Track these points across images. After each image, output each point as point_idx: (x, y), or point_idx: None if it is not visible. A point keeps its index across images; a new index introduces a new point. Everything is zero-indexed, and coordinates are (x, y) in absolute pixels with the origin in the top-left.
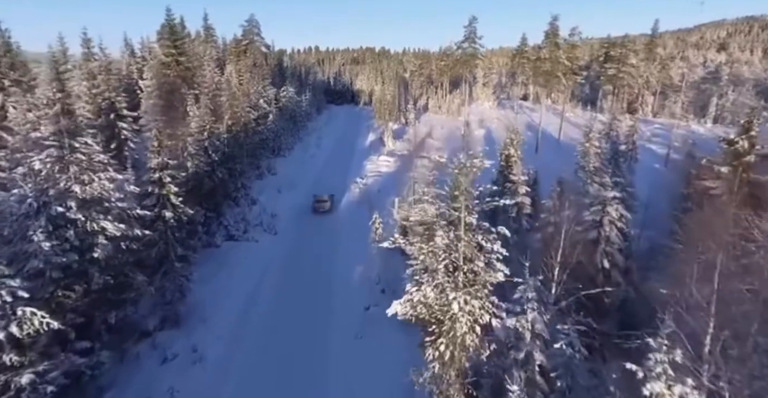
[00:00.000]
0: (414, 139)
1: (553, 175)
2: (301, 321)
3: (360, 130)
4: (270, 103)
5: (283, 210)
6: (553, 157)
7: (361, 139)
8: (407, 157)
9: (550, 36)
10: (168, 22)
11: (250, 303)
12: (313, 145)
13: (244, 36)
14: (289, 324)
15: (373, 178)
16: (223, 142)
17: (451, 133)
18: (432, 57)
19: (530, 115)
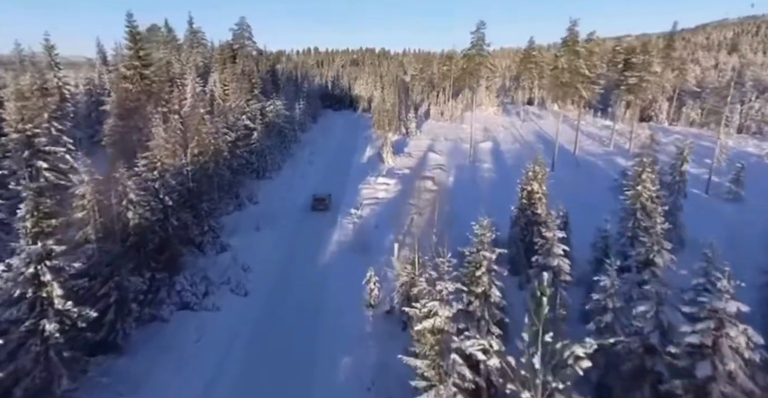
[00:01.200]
0: (415, 152)
1: (577, 201)
2: None
3: (357, 142)
4: (255, 119)
5: (260, 258)
6: (572, 177)
7: (357, 154)
8: (409, 176)
9: (569, 43)
10: (130, 29)
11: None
12: (305, 162)
13: (235, 40)
14: None
15: (369, 208)
16: (187, 175)
17: (455, 145)
18: (433, 58)
19: (537, 123)
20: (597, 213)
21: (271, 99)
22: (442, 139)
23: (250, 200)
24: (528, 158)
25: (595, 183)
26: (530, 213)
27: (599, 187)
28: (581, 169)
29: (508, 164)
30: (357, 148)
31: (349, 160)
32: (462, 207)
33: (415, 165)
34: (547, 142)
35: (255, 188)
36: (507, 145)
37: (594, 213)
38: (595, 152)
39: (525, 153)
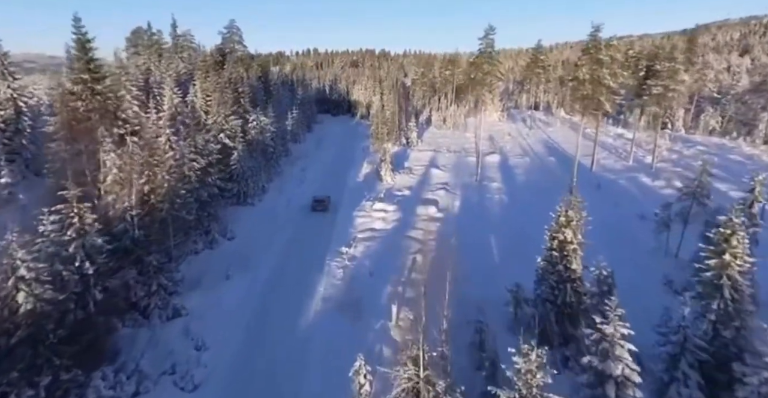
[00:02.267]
0: (416, 167)
1: (607, 236)
2: None
3: (354, 155)
4: (235, 137)
5: (223, 325)
6: (595, 201)
7: (353, 171)
8: (409, 199)
9: (591, 50)
10: (78, 36)
11: None
12: (295, 181)
13: (224, 44)
14: None
15: (363, 245)
16: (132, 221)
17: (460, 159)
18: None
19: (545, 131)
20: (636, 255)
21: (254, 113)
22: (445, 150)
23: (224, 235)
24: (540, 174)
25: (621, 209)
26: (562, 269)
27: (627, 215)
28: (603, 191)
29: (518, 182)
30: (353, 161)
31: (344, 178)
32: (472, 245)
33: (417, 183)
34: (558, 153)
35: (232, 219)
36: (515, 157)
37: (633, 255)
38: (613, 168)
39: (536, 168)
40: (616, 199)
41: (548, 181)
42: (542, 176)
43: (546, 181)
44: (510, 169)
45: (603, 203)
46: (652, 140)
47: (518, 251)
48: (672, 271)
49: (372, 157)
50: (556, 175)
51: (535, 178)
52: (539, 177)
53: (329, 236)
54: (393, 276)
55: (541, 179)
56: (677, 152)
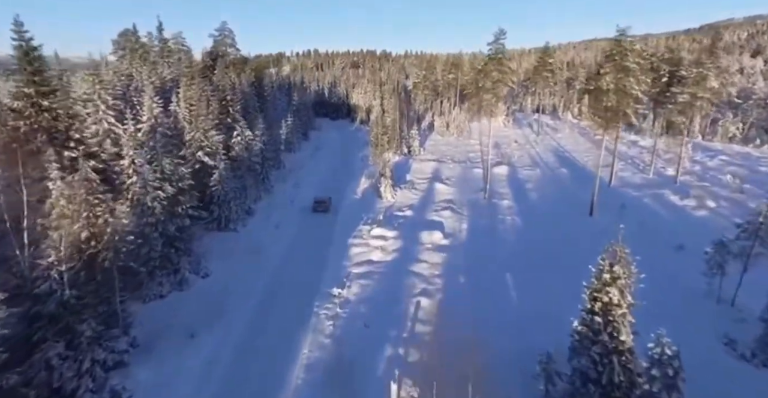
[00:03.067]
0: (419, 180)
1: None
2: None
3: (352, 167)
4: (215, 155)
5: None
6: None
7: (351, 185)
8: (412, 221)
9: (616, 57)
10: (20, 45)
11: None
12: (286, 200)
13: (215, 48)
14: None
15: (359, 284)
16: (61, 280)
17: (465, 171)
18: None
19: (554, 137)
20: (678, 300)
21: (240, 127)
22: (449, 160)
23: (197, 272)
24: (554, 190)
25: (652, 236)
26: (607, 339)
27: (661, 246)
28: (629, 214)
29: (531, 200)
30: (351, 174)
31: (341, 195)
32: (485, 287)
33: (420, 201)
34: (570, 164)
35: (210, 249)
36: (525, 169)
37: (674, 300)
38: (633, 182)
39: (548, 181)
40: (644, 223)
41: (564, 198)
42: (556, 192)
43: (562, 199)
44: (520, 183)
45: (630, 229)
46: (669, 148)
47: (541, 294)
48: (731, 326)
49: (371, 170)
50: (571, 191)
51: (549, 194)
52: (553, 193)
53: (321, 271)
54: (393, 331)
55: (555, 196)
56: (699, 163)
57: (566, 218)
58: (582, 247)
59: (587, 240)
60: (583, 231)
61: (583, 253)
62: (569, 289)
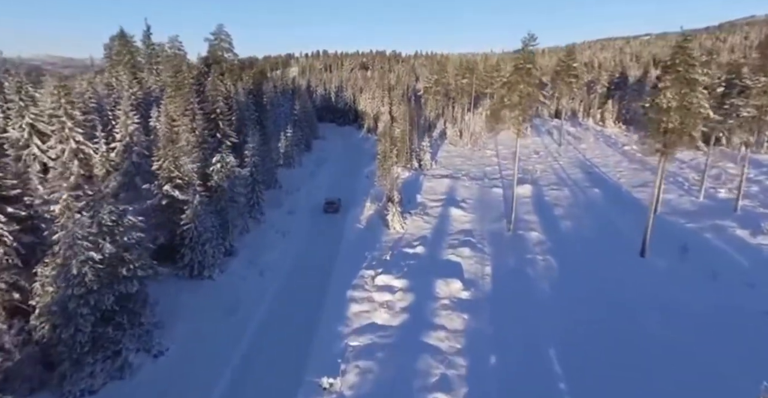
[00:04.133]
0: (431, 203)
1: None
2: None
3: (357, 186)
4: (188, 187)
5: None
6: (689, 278)
7: (355, 211)
8: (423, 263)
9: (680, 68)
10: None
11: None
12: (277, 234)
13: (211, 53)
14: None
15: (357, 369)
16: None
17: (483, 191)
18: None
19: (577, 147)
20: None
21: (220, 153)
22: (465, 176)
23: (148, 350)
24: (589, 218)
25: (730, 291)
26: None
27: (744, 307)
28: (692, 258)
29: (563, 232)
30: (355, 196)
31: (342, 223)
32: (520, 371)
33: (433, 232)
34: (602, 182)
35: (174, 308)
36: (551, 188)
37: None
38: (682, 208)
39: (581, 206)
40: (715, 270)
41: (603, 229)
42: (592, 220)
43: (600, 231)
44: (548, 208)
45: (700, 281)
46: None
47: (598, 386)
48: None
49: (377, 191)
50: (609, 219)
51: (584, 223)
52: (589, 222)
53: (308, 343)
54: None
55: (592, 226)
56: (755, 182)
57: (611, 260)
58: (649, 319)
59: (650, 303)
60: (639, 284)
61: (651, 335)
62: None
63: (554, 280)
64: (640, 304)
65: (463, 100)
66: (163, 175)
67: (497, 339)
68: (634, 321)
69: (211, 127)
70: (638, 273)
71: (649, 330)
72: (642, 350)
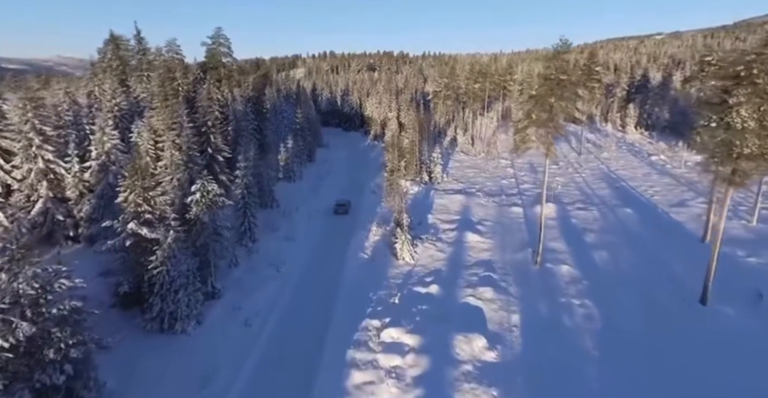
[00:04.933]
0: (444, 226)
1: None
2: None
3: (363, 203)
4: (161, 221)
5: None
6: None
7: (359, 236)
8: (439, 307)
9: (760, 78)
10: None
11: None
12: (269, 269)
13: (208, 58)
14: None
15: None
16: None
17: (501, 210)
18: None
19: (599, 156)
20: None
21: (201, 179)
22: (480, 191)
23: None
24: (628, 247)
25: None
26: None
27: None
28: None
29: (599, 264)
30: (360, 216)
31: (344, 254)
32: None
33: (447, 264)
34: (634, 200)
35: (133, 376)
36: (578, 208)
37: None
38: (736, 235)
39: (615, 232)
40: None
41: (647, 264)
42: (631, 251)
43: (644, 266)
44: (577, 234)
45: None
46: None
47: None
48: None
49: (383, 213)
50: (651, 250)
51: (623, 257)
52: (628, 254)
53: None
54: None
55: (633, 261)
56: None
57: (664, 308)
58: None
59: (732, 387)
60: (710, 353)
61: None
62: None
63: (598, 336)
64: (719, 390)
65: (475, 105)
66: (130, 210)
67: None
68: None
69: (201, 141)
70: (704, 332)
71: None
72: None
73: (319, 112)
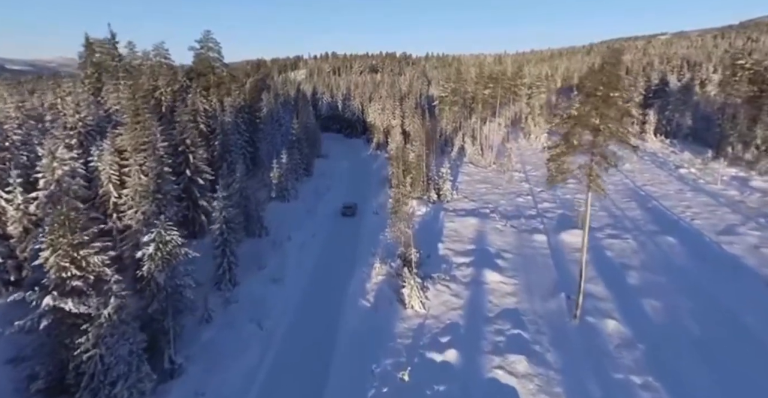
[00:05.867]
0: (457, 258)
1: None
2: None
3: (363, 225)
4: (98, 285)
5: None
6: None
7: (360, 275)
8: (459, 387)
9: None
10: None
11: None
12: (251, 327)
13: (195, 64)
14: None
15: None
16: None
17: (521, 237)
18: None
19: (621, 169)
20: None
21: (158, 227)
22: (494, 212)
23: None
24: (681, 291)
25: None
26: None
27: None
28: None
29: (650, 316)
30: (361, 242)
31: (339, 302)
32: None
33: (465, 315)
34: (672, 224)
35: None
36: (609, 236)
37: None
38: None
39: (659, 267)
40: None
41: (710, 318)
42: (690, 300)
43: (708, 322)
44: (615, 271)
45: None
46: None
47: None
48: None
49: (388, 244)
50: (712, 297)
51: (680, 307)
52: (686, 304)
53: None
54: None
55: (695, 313)
56: None
57: (752, 384)
58: None
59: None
60: None
61: None
62: None
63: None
64: None
65: (485, 112)
66: (52, 276)
67: None
68: None
69: (179, 162)
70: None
71: None
72: None
73: (320, 117)
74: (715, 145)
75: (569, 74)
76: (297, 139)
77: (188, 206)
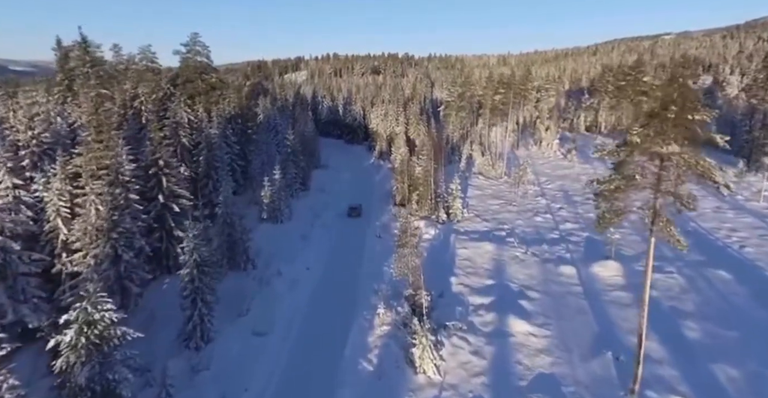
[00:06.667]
0: (474, 299)
1: None
2: None
3: (365, 249)
4: None
5: None
6: None
7: (360, 323)
8: None
9: None
10: None
11: None
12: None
13: (181, 70)
14: None
15: None
16: None
17: (544, 268)
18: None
19: None
20: None
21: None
22: (512, 238)
23: None
24: (747, 353)
25: None
26: None
27: None
28: None
29: (723, 388)
30: (361, 286)
31: (334, 366)
32: None
33: (488, 383)
34: (718, 252)
35: None
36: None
37: None
38: None
39: (721, 317)
40: None
41: None
42: (761, 362)
43: None
44: (667, 320)
45: None
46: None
47: None
48: None
49: (393, 280)
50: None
51: (759, 375)
52: (760, 367)
53: None
54: None
55: None
56: None
57: None
58: None
59: None
60: None
61: None
62: None
63: None
64: None
65: (495, 119)
66: None
67: None
68: None
69: (151, 186)
70: None
71: None
72: None
73: (319, 121)
74: (746, 155)
75: (577, 76)
76: (293, 151)
77: (161, 237)
